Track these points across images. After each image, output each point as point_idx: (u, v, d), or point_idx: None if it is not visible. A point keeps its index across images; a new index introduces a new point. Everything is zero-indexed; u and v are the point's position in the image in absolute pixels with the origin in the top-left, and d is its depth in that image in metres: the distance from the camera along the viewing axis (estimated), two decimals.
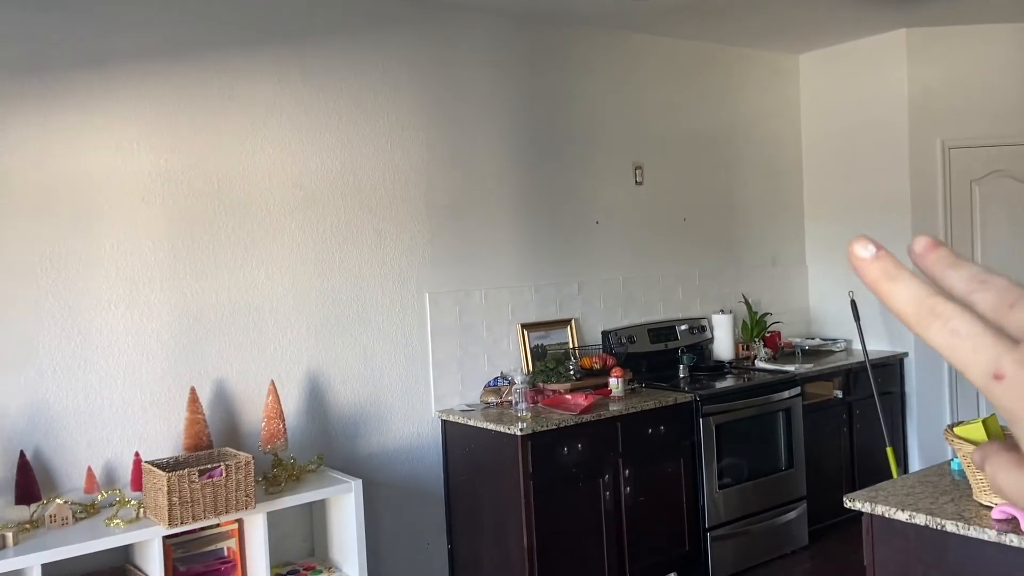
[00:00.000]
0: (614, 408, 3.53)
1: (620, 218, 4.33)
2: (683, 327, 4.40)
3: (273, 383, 3.08)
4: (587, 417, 3.40)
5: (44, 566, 2.40)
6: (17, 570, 2.45)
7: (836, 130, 4.95)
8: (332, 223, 3.40)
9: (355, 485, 3.01)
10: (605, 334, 4.18)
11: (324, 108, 3.38)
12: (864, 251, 0.39)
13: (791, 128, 5.10)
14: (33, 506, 2.66)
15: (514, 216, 3.95)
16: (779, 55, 5.03)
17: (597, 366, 3.87)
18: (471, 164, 3.80)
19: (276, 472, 3.02)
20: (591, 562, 3.42)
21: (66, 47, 2.82)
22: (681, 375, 4.12)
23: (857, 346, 4.52)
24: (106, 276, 2.89)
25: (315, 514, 3.24)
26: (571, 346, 4.05)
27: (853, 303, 4.40)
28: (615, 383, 3.73)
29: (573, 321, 4.11)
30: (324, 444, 3.34)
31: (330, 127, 3.40)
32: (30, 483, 2.65)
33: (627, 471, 3.52)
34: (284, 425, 3.06)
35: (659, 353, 4.25)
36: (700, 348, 4.43)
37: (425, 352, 3.64)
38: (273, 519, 2.86)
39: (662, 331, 4.33)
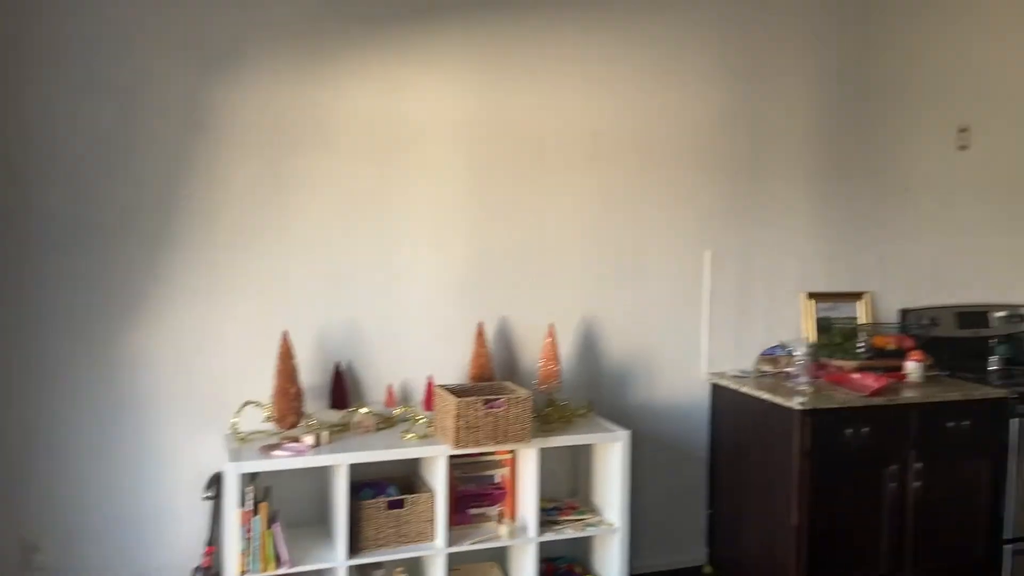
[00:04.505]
0: (909, 395, 3.20)
1: (935, 185, 3.87)
2: (1000, 314, 3.87)
3: (552, 327, 3.18)
4: (877, 401, 3.12)
5: (350, 465, 2.71)
6: (328, 466, 2.80)
7: None
8: (621, 174, 3.40)
9: (623, 435, 3.04)
10: (904, 313, 3.80)
11: (622, 60, 3.35)
12: None
13: None
14: (343, 412, 3.02)
15: (812, 178, 3.68)
16: None
17: (891, 347, 3.54)
18: (768, 122, 3.59)
19: (549, 411, 3.14)
20: (865, 555, 3.17)
21: (395, 3, 3.06)
22: (991, 367, 3.64)
23: None
24: (414, 215, 3.14)
25: (579, 458, 3.33)
26: (862, 322, 3.72)
27: None
28: (913, 368, 3.38)
29: (868, 295, 3.77)
30: (592, 391, 3.40)
31: (627, 78, 3.37)
32: (342, 392, 3.01)
33: (919, 464, 3.19)
34: (559, 368, 3.16)
35: (967, 341, 3.78)
36: (1019, 340, 3.86)
37: (699, 312, 3.55)
38: (541, 456, 2.98)
39: (973, 316, 3.84)
